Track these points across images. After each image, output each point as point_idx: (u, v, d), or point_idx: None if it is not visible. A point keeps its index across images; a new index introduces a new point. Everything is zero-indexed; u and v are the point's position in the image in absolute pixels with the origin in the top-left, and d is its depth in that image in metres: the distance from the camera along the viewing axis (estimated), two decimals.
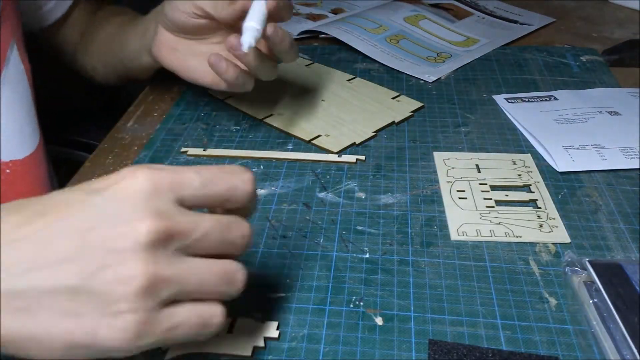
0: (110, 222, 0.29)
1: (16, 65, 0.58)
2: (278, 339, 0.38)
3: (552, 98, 0.65)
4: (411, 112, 0.63)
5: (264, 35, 0.50)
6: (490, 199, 0.50)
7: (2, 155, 0.55)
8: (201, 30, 0.55)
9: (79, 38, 0.72)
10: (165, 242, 0.29)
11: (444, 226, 0.48)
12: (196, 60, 0.56)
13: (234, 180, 0.33)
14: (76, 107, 0.93)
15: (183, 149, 0.58)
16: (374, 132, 0.60)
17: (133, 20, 0.66)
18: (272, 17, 0.51)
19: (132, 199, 0.29)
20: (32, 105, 0.60)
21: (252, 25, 0.48)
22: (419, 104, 0.65)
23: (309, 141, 0.58)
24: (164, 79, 0.72)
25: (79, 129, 0.86)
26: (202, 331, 0.32)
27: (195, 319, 0.31)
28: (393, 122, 0.62)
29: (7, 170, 0.56)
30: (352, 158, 0.56)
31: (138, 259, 0.28)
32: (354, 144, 0.58)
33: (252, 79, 0.54)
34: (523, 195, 0.51)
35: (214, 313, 0.32)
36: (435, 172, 0.54)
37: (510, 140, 0.59)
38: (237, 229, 0.33)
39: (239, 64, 0.53)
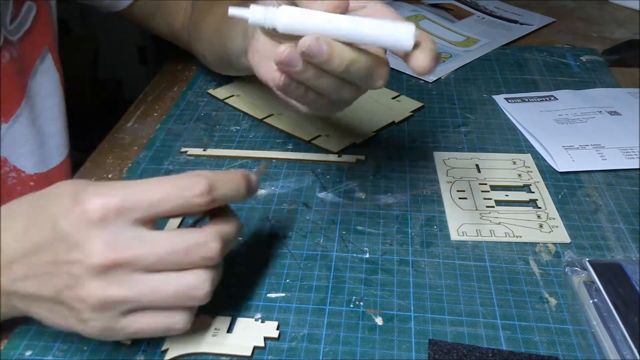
0: (66, 247, 0.32)
1: (51, 75, 0.57)
2: (278, 339, 0.38)
3: (552, 98, 0.65)
4: (411, 112, 0.63)
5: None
6: (490, 199, 0.50)
7: (27, 169, 0.55)
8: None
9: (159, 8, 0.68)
10: (116, 268, 0.32)
11: (444, 226, 0.48)
12: None
13: (185, 195, 0.33)
14: (76, 107, 0.93)
15: (183, 149, 0.58)
16: (374, 132, 0.60)
17: None
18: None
19: (84, 230, 0.32)
20: (64, 117, 0.59)
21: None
22: (419, 104, 0.65)
23: (309, 141, 0.58)
24: (164, 79, 0.72)
25: (79, 129, 0.86)
26: (168, 333, 0.35)
27: (159, 326, 0.34)
28: (393, 122, 0.62)
29: (32, 183, 0.55)
30: (352, 158, 0.56)
31: (91, 283, 0.32)
32: (354, 144, 0.58)
33: (315, 102, 0.39)
34: (523, 195, 0.51)
35: (177, 321, 0.34)
36: (435, 172, 0.54)
37: (510, 140, 0.59)
38: (198, 252, 0.33)
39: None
